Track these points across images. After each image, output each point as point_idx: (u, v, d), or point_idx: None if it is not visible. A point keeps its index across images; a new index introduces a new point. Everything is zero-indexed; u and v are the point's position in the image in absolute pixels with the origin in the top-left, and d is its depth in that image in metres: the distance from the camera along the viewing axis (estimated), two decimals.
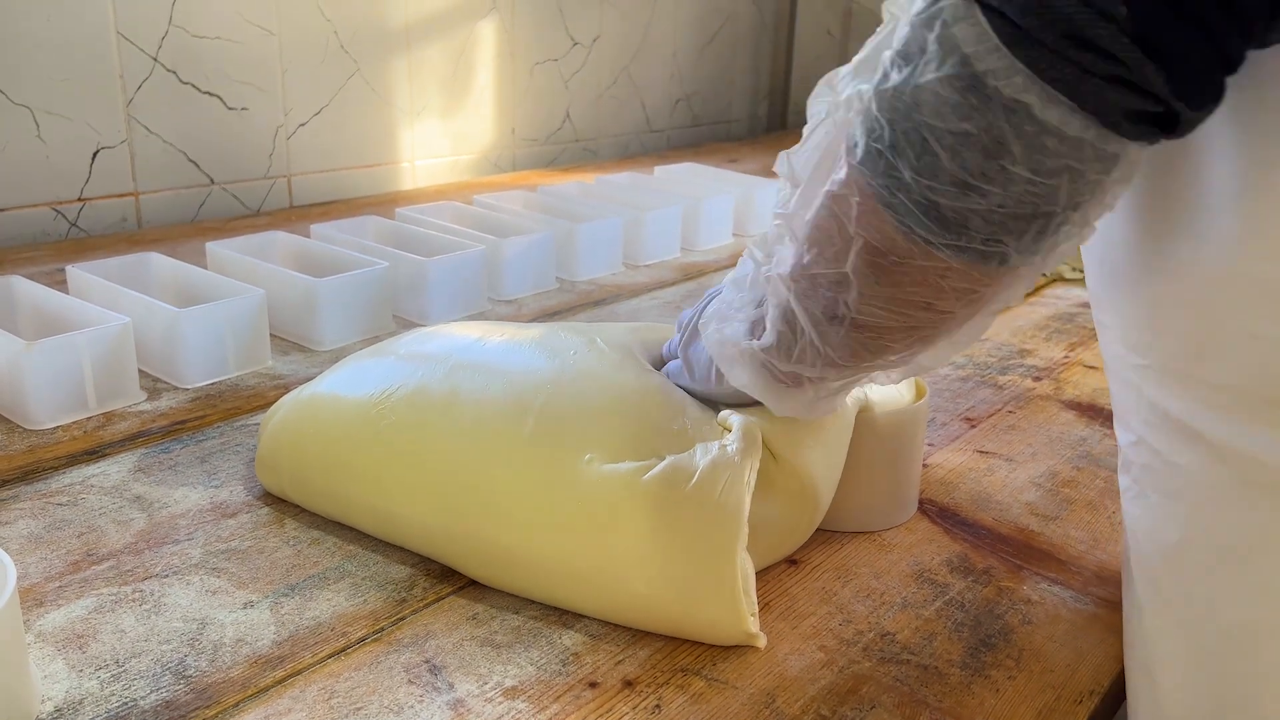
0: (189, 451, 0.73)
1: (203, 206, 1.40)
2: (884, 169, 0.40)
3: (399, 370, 0.65)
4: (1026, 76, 0.36)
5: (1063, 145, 0.37)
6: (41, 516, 0.64)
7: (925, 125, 0.38)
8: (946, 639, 0.55)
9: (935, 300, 0.44)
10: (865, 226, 0.43)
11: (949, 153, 0.38)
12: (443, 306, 1.00)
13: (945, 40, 0.37)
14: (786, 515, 0.59)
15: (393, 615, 0.56)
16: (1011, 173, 0.38)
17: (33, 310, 0.85)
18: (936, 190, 0.39)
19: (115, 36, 1.27)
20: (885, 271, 0.43)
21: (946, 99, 0.38)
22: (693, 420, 0.58)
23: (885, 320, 0.45)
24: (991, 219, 0.39)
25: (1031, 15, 0.35)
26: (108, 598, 0.56)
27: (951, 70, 0.37)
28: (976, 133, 0.37)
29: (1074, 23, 0.34)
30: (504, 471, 0.57)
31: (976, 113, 0.37)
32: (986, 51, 0.36)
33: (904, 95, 0.39)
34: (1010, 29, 0.36)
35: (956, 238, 0.40)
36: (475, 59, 1.69)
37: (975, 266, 0.41)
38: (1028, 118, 0.36)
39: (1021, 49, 0.36)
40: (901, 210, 0.41)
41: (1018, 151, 0.37)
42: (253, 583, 0.58)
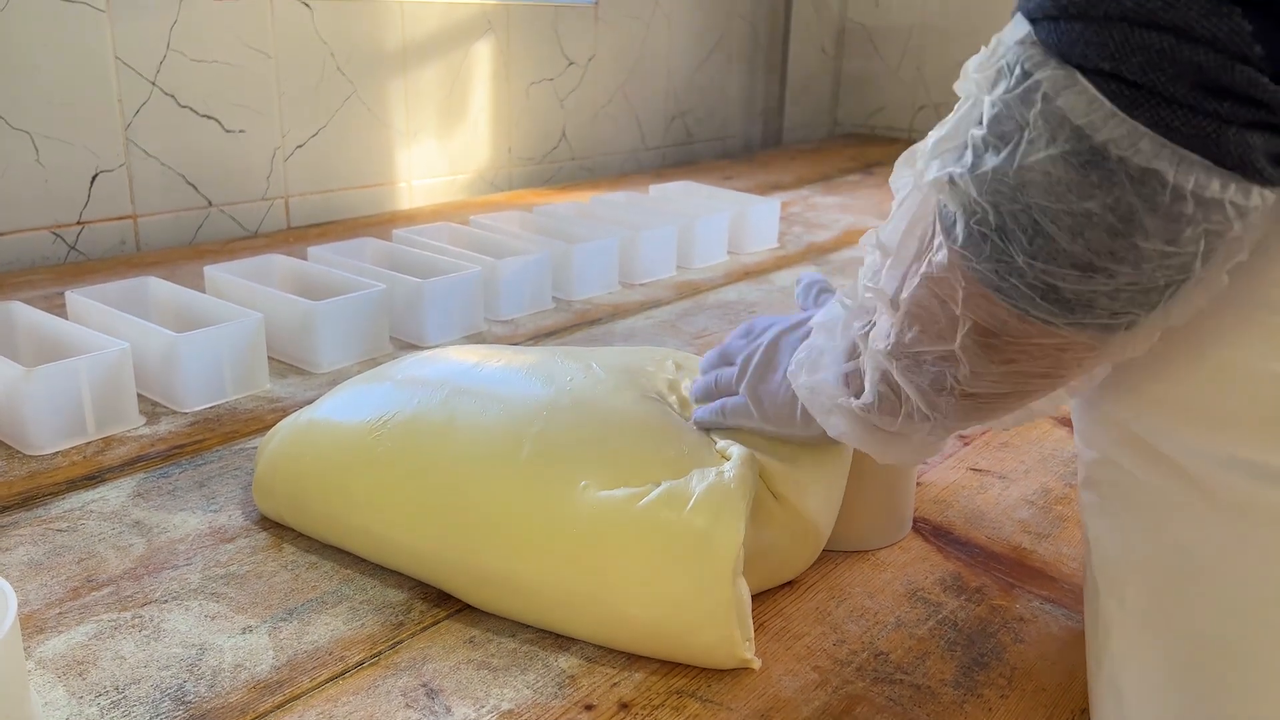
0: (187, 476, 0.73)
1: (201, 228, 1.41)
2: (990, 253, 0.37)
3: (395, 396, 0.65)
4: (1154, 140, 0.33)
5: (1200, 210, 0.34)
6: (42, 543, 0.64)
7: (1037, 207, 0.35)
8: (939, 658, 0.55)
9: (1054, 369, 0.42)
10: (973, 309, 0.40)
11: (1069, 234, 0.35)
12: (440, 328, 1.01)
13: (1051, 115, 0.34)
14: (785, 548, 0.59)
15: (390, 639, 0.56)
16: (1143, 249, 0.35)
17: (32, 336, 0.86)
18: (1054, 274, 0.36)
19: (114, 61, 1.28)
20: (998, 350, 0.41)
21: (1061, 178, 0.35)
22: (689, 446, 0.59)
23: (999, 389, 0.43)
24: (1119, 296, 0.37)
25: (1156, 70, 0.32)
26: (107, 624, 0.56)
27: (1066, 146, 0.34)
28: (1100, 211, 0.34)
29: (1206, 70, 0.31)
30: (500, 498, 0.58)
31: (1099, 190, 0.34)
32: (1102, 120, 0.33)
33: (1007, 177, 0.36)
34: (1128, 91, 0.33)
35: (1080, 316, 0.38)
36: (471, 79, 1.71)
37: (1099, 337, 0.39)
38: (1160, 186, 0.34)
39: (1146, 110, 0.33)
40: (1014, 294, 0.38)
41: (1151, 225, 0.34)
42: (251, 607, 0.58)
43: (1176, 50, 0.31)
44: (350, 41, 1.52)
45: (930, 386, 0.44)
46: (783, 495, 0.59)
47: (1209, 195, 0.34)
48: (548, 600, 0.56)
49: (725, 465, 0.57)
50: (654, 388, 0.66)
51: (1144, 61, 0.32)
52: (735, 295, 1.22)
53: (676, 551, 0.54)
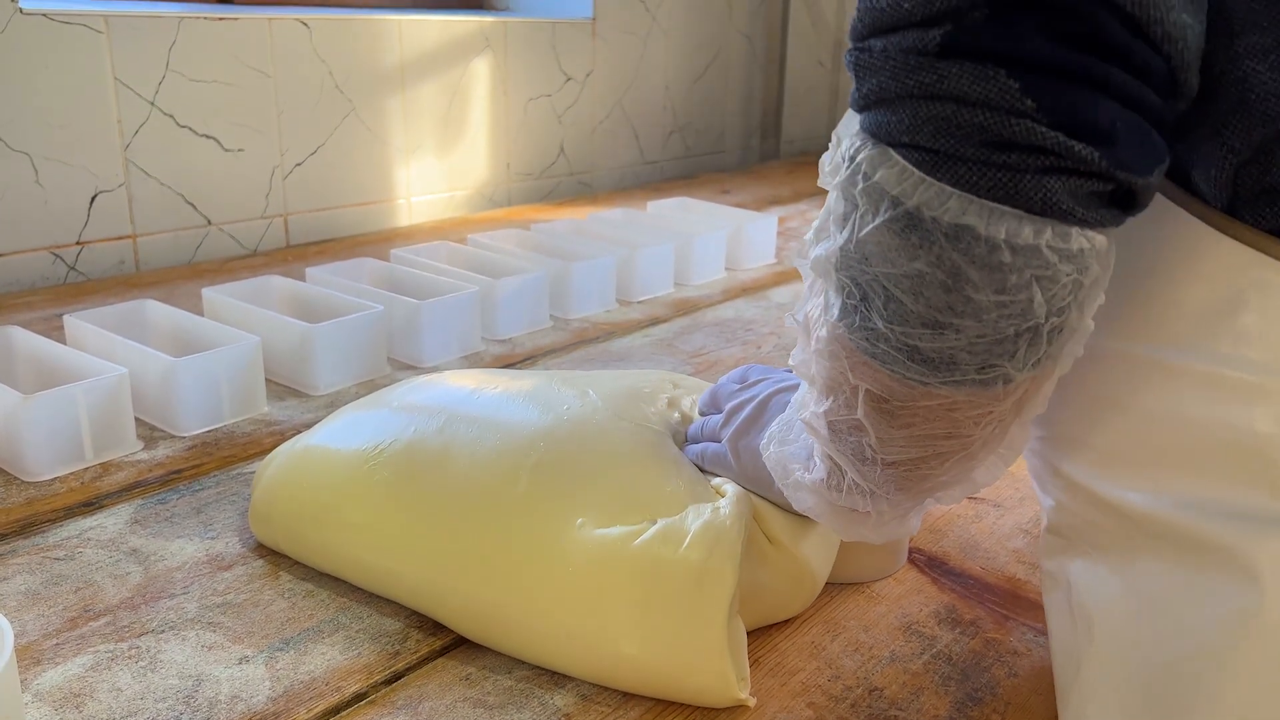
0: (185, 502, 0.74)
1: (200, 247, 1.41)
2: (859, 322, 0.41)
3: (392, 423, 0.66)
4: (961, 198, 0.36)
5: (1019, 256, 0.37)
6: (39, 572, 0.64)
7: (882, 275, 0.39)
8: (934, 694, 0.56)
9: (954, 430, 0.43)
10: (862, 377, 0.43)
11: (911, 295, 0.38)
12: (437, 348, 1.01)
13: (872, 190, 0.38)
14: (782, 591, 0.60)
15: (386, 668, 0.56)
16: (977, 300, 0.37)
17: (31, 361, 0.86)
18: (911, 334, 0.39)
19: (113, 82, 1.28)
20: (893, 415, 0.43)
21: (890, 244, 0.38)
22: (685, 482, 0.59)
23: (913, 454, 0.45)
24: (976, 349, 0.39)
25: (945, 136, 0.35)
26: (104, 655, 0.57)
27: (887, 215, 0.38)
28: (929, 270, 0.37)
29: (987, 129, 0.35)
30: (496, 532, 0.58)
31: (922, 250, 0.37)
32: (913, 187, 0.37)
33: (852, 252, 0.39)
34: (929, 157, 0.36)
35: (949, 374, 0.40)
36: (469, 96, 1.71)
37: (979, 394, 0.41)
38: (974, 239, 0.36)
39: (946, 170, 0.36)
40: (886, 359, 0.40)
41: (976, 277, 0.37)
42: (248, 637, 0.59)
43: (958, 115, 0.35)
44: (348, 60, 1.52)
45: (854, 456, 0.46)
46: (779, 540, 0.59)
47: (1022, 242, 0.36)
48: (543, 637, 0.56)
49: (721, 502, 0.57)
50: (652, 414, 0.66)
51: (934, 130, 0.36)
52: (733, 313, 1.23)
53: (671, 590, 0.54)
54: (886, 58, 0.36)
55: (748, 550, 0.57)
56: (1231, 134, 0.39)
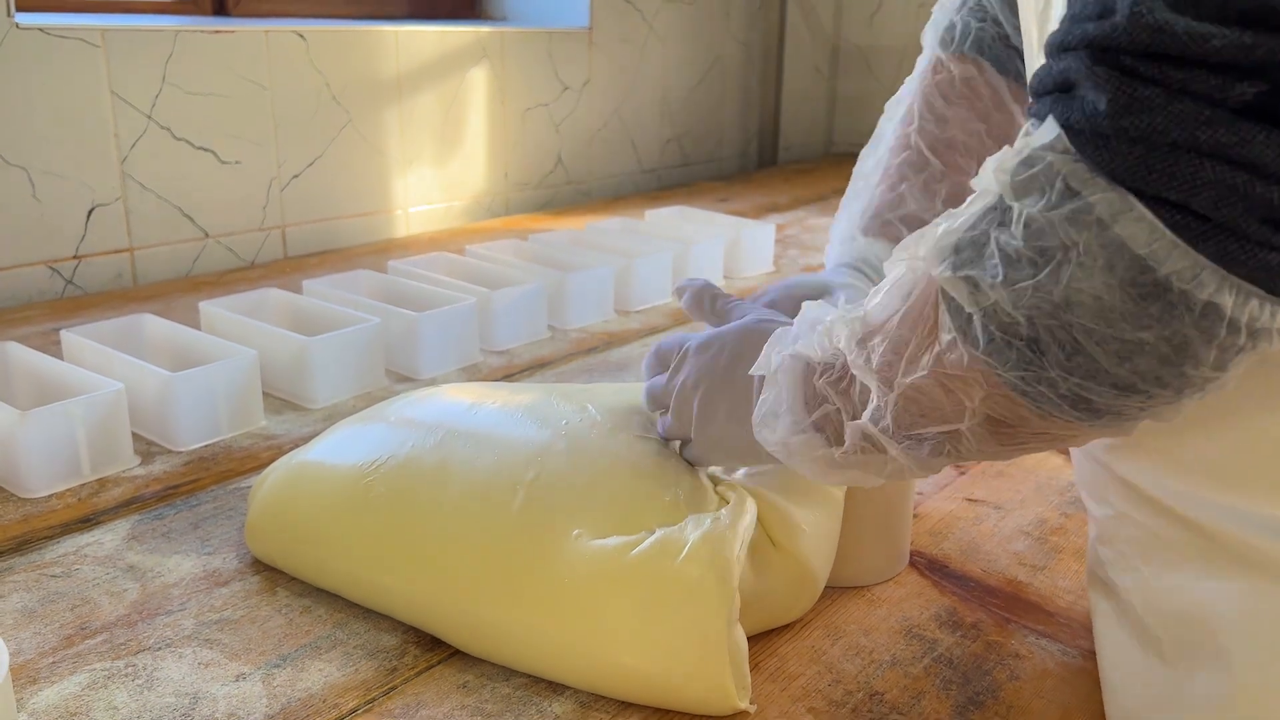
0: (182, 517, 0.73)
1: (198, 260, 1.41)
2: (1017, 361, 0.37)
3: (390, 438, 0.65)
4: (1217, 273, 0.32)
5: (1251, 339, 0.34)
6: (35, 589, 0.64)
7: (1080, 327, 0.35)
8: (935, 698, 0.55)
9: (1052, 443, 0.42)
10: (991, 407, 0.40)
11: (1115, 359, 0.35)
12: (435, 360, 1.01)
13: (1109, 242, 0.33)
14: (782, 595, 0.59)
15: (384, 684, 0.56)
16: (1191, 376, 0.35)
17: (27, 376, 0.86)
18: (1091, 390, 0.36)
19: (110, 96, 1.29)
20: (1010, 436, 0.41)
21: (1115, 306, 0.34)
22: (685, 491, 0.59)
23: (993, 457, 0.44)
24: (1149, 408, 0.37)
25: (1229, 205, 0.31)
26: (100, 673, 0.56)
27: (1125, 276, 0.33)
28: (1155, 341, 0.34)
29: (1275, 207, 0.31)
30: (493, 546, 0.57)
31: (1158, 322, 0.33)
32: (1165, 252, 0.33)
33: (1050, 295, 0.35)
34: (1195, 223, 0.32)
35: (1106, 422, 0.38)
36: (467, 106, 1.71)
37: (1115, 431, 0.39)
38: (1219, 319, 0.33)
39: (1213, 244, 0.32)
40: (1040, 399, 0.37)
41: (1204, 355, 0.34)
42: (245, 654, 0.58)
43: (1250, 186, 0.31)
44: (345, 71, 1.53)
45: (929, 455, 0.44)
46: (780, 542, 0.58)
47: (1260, 325, 0.34)
48: (541, 649, 0.56)
49: (722, 511, 0.56)
50: (652, 426, 0.65)
51: (1216, 196, 0.31)
52: None
53: (670, 602, 0.53)
54: (1171, 97, 0.31)
55: (749, 555, 0.57)
56: None
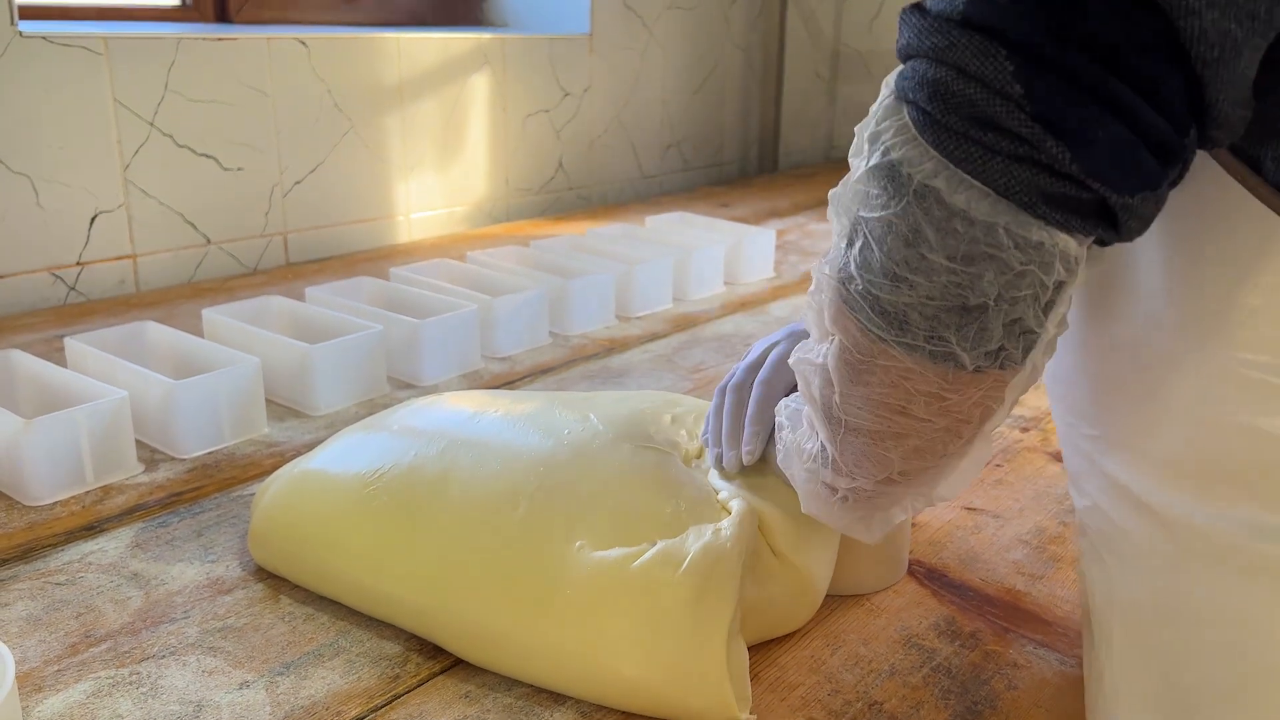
0: (186, 525, 0.74)
1: (200, 266, 1.42)
2: (841, 265, 0.42)
3: (392, 447, 0.66)
4: (937, 161, 0.38)
5: (974, 229, 0.38)
6: (40, 597, 0.65)
7: (860, 218, 0.41)
8: (934, 708, 0.56)
9: (907, 404, 0.44)
10: (834, 323, 0.44)
11: (876, 242, 0.40)
12: (437, 367, 1.01)
13: (874, 136, 0.40)
14: (784, 605, 0.60)
15: (386, 692, 0.56)
16: (931, 260, 0.39)
17: (31, 384, 0.87)
18: (874, 283, 0.41)
19: (113, 103, 1.29)
20: (854, 369, 0.44)
21: (870, 190, 0.40)
22: (688, 502, 0.59)
23: (870, 424, 0.45)
24: (925, 312, 0.40)
25: (938, 101, 0.37)
26: (105, 681, 0.57)
27: (875, 161, 0.40)
28: (896, 220, 0.39)
29: (976, 105, 0.36)
30: (496, 556, 0.58)
31: (894, 200, 0.39)
32: (904, 142, 0.38)
33: (847, 191, 0.42)
34: (922, 117, 0.38)
35: (901, 333, 0.41)
36: (468, 112, 1.72)
37: (930, 368, 0.42)
38: (937, 202, 0.38)
39: (931, 134, 0.37)
40: (854, 305, 0.42)
41: (932, 237, 0.39)
42: (249, 661, 0.59)
43: (954, 84, 0.36)
44: (347, 78, 1.53)
45: (824, 414, 0.47)
46: (782, 552, 0.59)
47: (979, 216, 0.37)
48: (542, 659, 0.56)
49: (724, 522, 0.57)
50: (656, 434, 0.66)
51: (931, 93, 0.37)
52: (732, 327, 1.23)
53: (670, 614, 0.54)
54: (920, 15, 0.37)
55: (751, 565, 0.57)
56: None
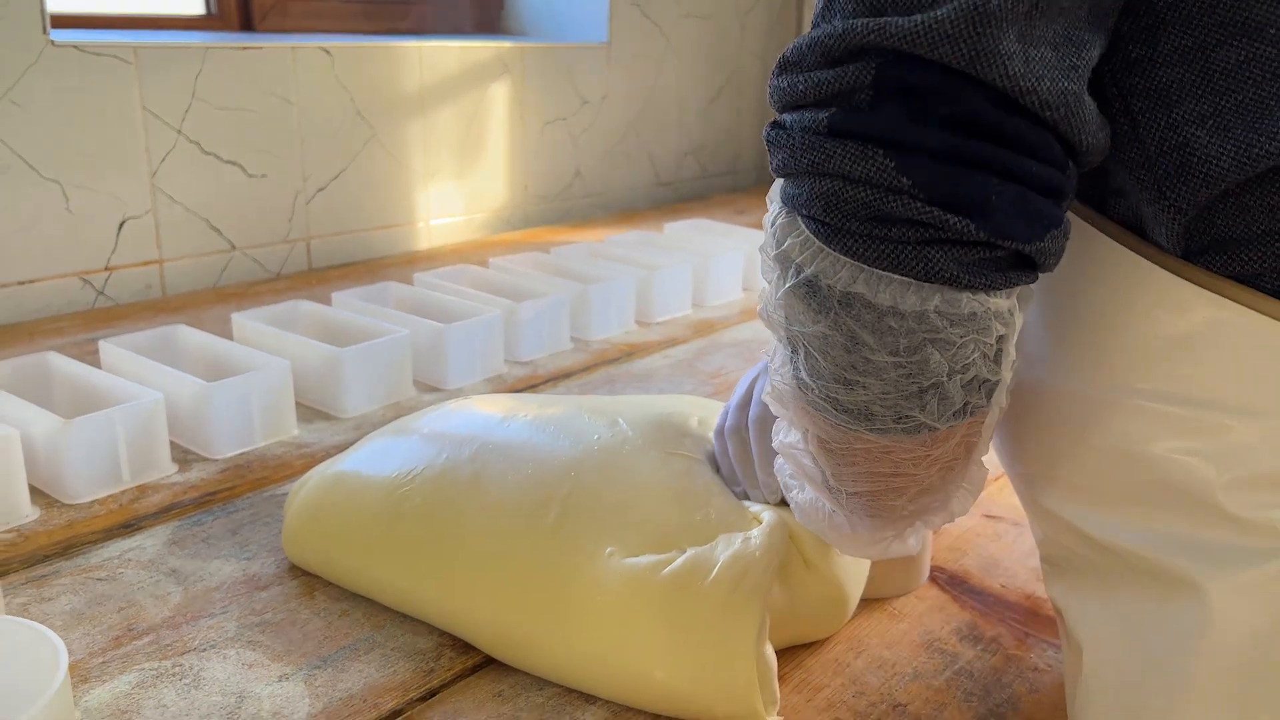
0: (220, 523, 0.76)
1: (225, 271, 1.44)
2: (791, 373, 0.43)
3: (424, 450, 0.67)
4: (852, 267, 0.39)
5: (907, 321, 0.39)
6: (82, 592, 0.66)
7: (796, 334, 0.42)
8: (956, 709, 0.57)
9: (898, 469, 0.44)
10: (804, 420, 0.45)
11: (820, 354, 0.41)
12: (462, 371, 1.03)
13: (782, 256, 0.41)
14: (814, 613, 0.61)
15: (421, 686, 0.58)
16: (875, 361, 0.40)
17: (67, 385, 0.88)
18: (828, 388, 0.42)
19: (141, 111, 1.31)
20: (836, 454, 0.45)
21: (796, 307, 0.41)
22: (717, 510, 0.60)
23: (867, 488, 0.46)
24: (886, 403, 0.41)
25: (833, 210, 0.38)
26: (149, 673, 0.58)
27: (792, 280, 0.40)
28: (830, 332, 0.40)
29: (870, 205, 0.37)
30: (528, 561, 0.59)
31: (822, 315, 0.40)
32: (812, 256, 0.40)
33: (776, 310, 0.42)
34: (822, 229, 0.39)
35: (869, 422, 0.42)
36: (488, 120, 1.74)
37: (905, 440, 0.42)
38: (864, 306, 0.39)
39: (838, 242, 0.38)
40: (817, 406, 0.43)
41: (870, 340, 0.39)
42: (287, 655, 0.60)
43: (843, 191, 0.37)
44: (369, 86, 1.55)
45: (822, 485, 0.48)
46: (813, 562, 0.60)
47: (908, 308, 0.38)
48: (573, 662, 0.57)
49: (753, 531, 0.58)
50: (685, 440, 0.67)
51: (825, 204, 0.38)
52: (751, 333, 1.24)
53: (700, 620, 0.55)
54: (789, 134, 0.39)
55: (783, 574, 0.58)
56: (1177, 195, 0.41)
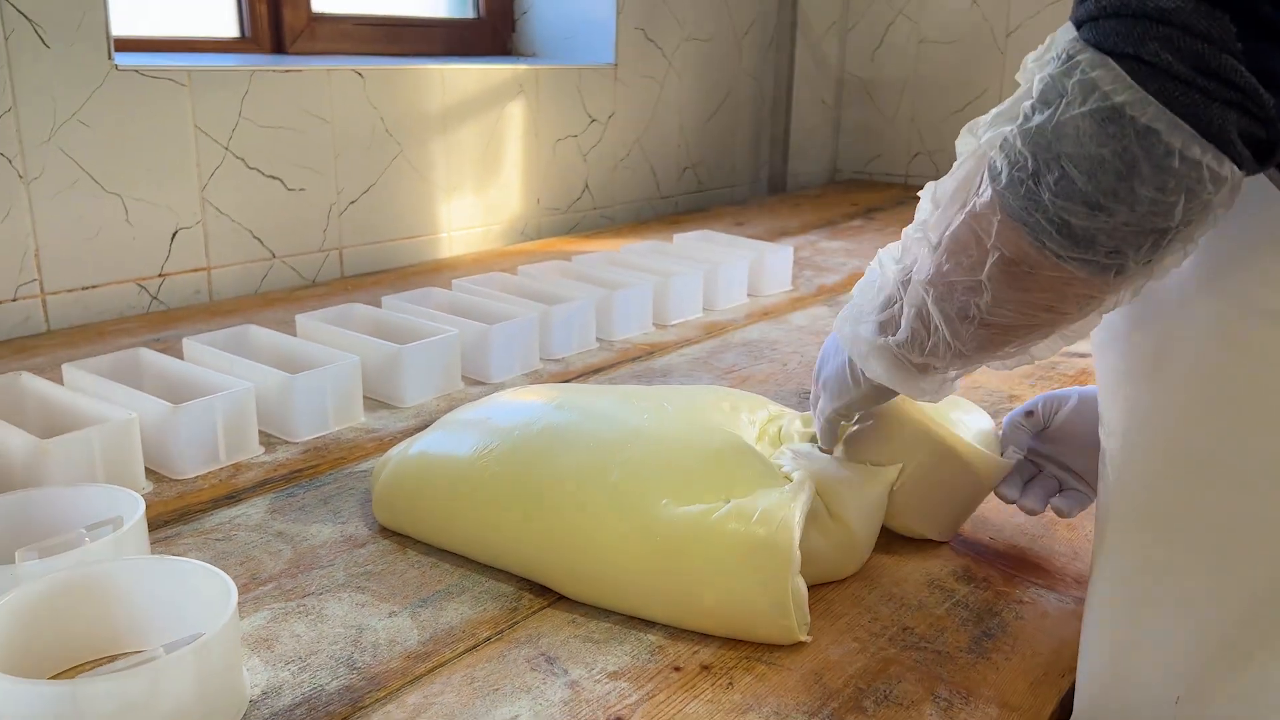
0: (311, 495, 0.87)
1: (265, 278, 1.55)
2: (1024, 193, 0.47)
3: (497, 428, 0.78)
4: (1157, 107, 0.43)
5: (1183, 166, 0.44)
6: (206, 549, 0.77)
7: (1064, 154, 0.46)
8: (955, 631, 0.69)
9: (1058, 303, 0.52)
10: (1003, 241, 0.50)
11: (1085, 175, 0.45)
12: (503, 366, 1.14)
13: (1085, 83, 0.45)
14: (835, 557, 0.73)
15: (508, 620, 0.69)
16: (1138, 193, 0.45)
17: (159, 379, 0.99)
18: (1069, 210, 0.46)
19: (193, 130, 1.42)
20: (1017, 279, 0.51)
21: (1085, 129, 0.45)
22: (755, 471, 0.72)
23: (1012, 320, 0.53)
24: (1115, 235, 0.47)
25: (1166, 52, 0.42)
26: (279, 611, 0.69)
27: (1093, 105, 0.44)
28: (1111, 157, 0.45)
29: (1201, 57, 0.42)
30: (594, 513, 0.70)
31: (1113, 139, 0.44)
32: (1122, 88, 0.44)
33: (1046, 130, 0.46)
34: (1143, 68, 0.43)
35: (1084, 251, 0.48)
36: (504, 138, 1.85)
37: (1096, 276, 0.49)
38: (1158, 141, 0.44)
39: (1154, 83, 0.43)
40: (1037, 228, 0.48)
41: (1146, 173, 0.44)
42: (391, 597, 0.71)
43: (1181, 40, 0.42)
44: (397, 106, 1.66)
45: (957, 315, 0.55)
46: (838, 514, 0.72)
47: (1191, 156, 0.44)
48: (635, 593, 0.69)
49: (785, 487, 0.70)
50: (721, 419, 0.78)
51: (1158, 47, 0.43)
52: (758, 334, 1.36)
53: (742, 557, 0.66)
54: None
55: (813, 522, 0.70)
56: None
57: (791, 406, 1.00)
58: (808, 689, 0.63)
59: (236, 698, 0.59)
